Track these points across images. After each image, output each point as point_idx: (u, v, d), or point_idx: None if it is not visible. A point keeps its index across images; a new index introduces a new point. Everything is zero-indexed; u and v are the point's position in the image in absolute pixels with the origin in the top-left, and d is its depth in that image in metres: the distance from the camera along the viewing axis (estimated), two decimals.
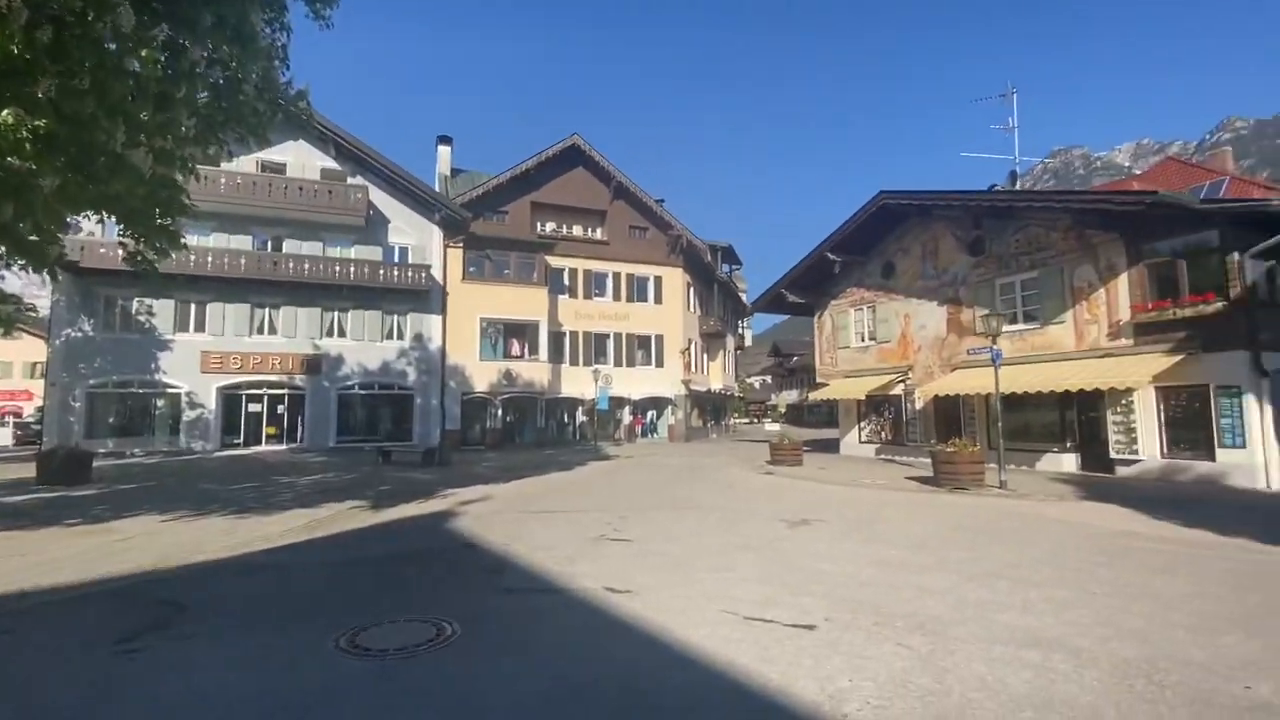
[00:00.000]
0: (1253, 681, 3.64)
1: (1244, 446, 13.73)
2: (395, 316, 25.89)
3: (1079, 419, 16.76)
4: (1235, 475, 13.73)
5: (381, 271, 24.96)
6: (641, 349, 32.34)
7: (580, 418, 30.88)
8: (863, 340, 22.62)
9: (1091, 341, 16.29)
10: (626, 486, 14.01)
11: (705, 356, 37.47)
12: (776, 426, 43.25)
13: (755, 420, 71.30)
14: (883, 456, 21.34)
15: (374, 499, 11.67)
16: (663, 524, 9.16)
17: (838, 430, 24.96)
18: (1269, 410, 13.68)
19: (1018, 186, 22.74)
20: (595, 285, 31.48)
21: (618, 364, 31.19)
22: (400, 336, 25.90)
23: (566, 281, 30.74)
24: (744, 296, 44.66)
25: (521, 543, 7.68)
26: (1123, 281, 15.72)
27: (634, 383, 31.43)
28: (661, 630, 4.49)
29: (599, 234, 32.19)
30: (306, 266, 24.09)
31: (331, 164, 25.34)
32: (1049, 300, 17.19)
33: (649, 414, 33.43)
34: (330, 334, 25.02)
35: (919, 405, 20.24)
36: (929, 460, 15.49)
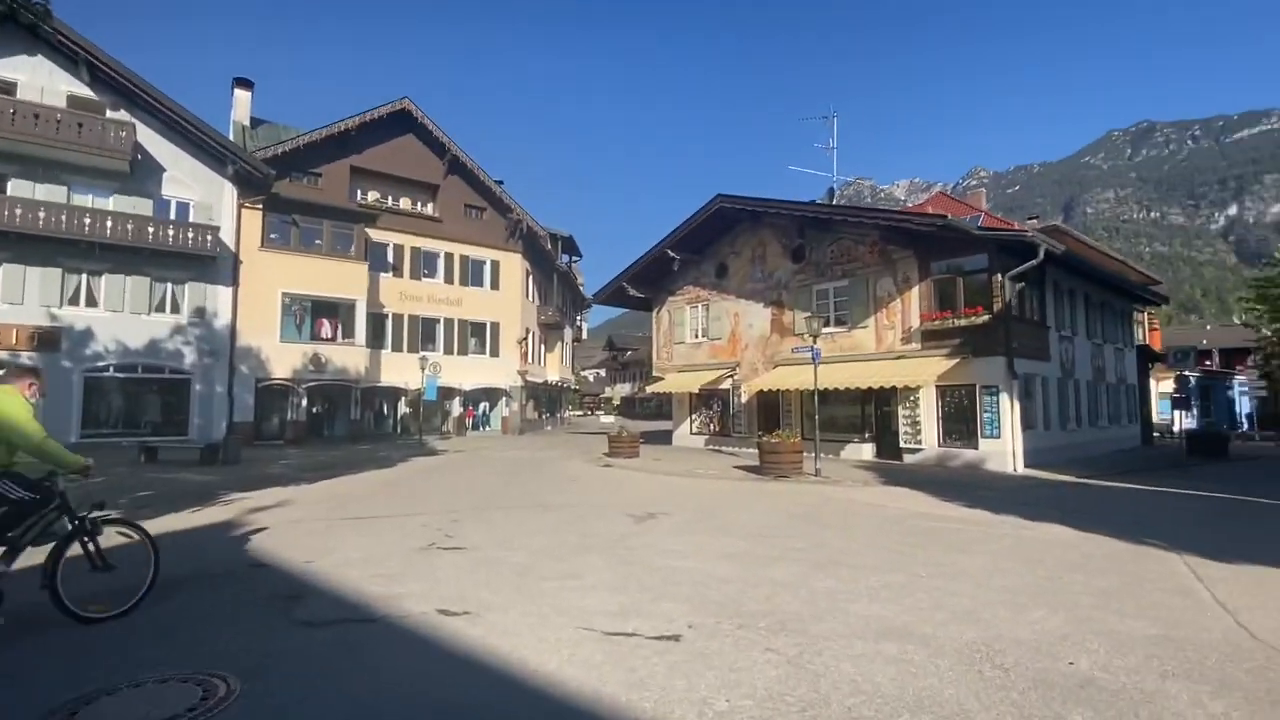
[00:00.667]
0: (1072, 656, 3.95)
1: (999, 437, 16.35)
2: (169, 285, 21.52)
3: (876, 413, 18.85)
4: (992, 461, 16.30)
5: (151, 229, 20.56)
6: (475, 337, 30.59)
7: (403, 409, 28.37)
8: (697, 336, 23.47)
9: (888, 345, 18.37)
10: (459, 484, 12.86)
11: (543, 347, 36.61)
12: (611, 419, 43.74)
13: (589, 413, 71.95)
14: (711, 447, 22.33)
15: (127, 509, 9.31)
16: (502, 526, 8.37)
17: (668, 422, 25.74)
18: (1017, 406, 16.44)
19: (834, 203, 25.11)
20: (425, 265, 29.09)
21: (448, 352, 29.16)
22: (175, 309, 21.59)
23: (391, 259, 27.99)
24: (583, 289, 44.49)
25: (329, 558, 6.44)
26: (915, 293, 17.92)
27: (466, 372, 29.62)
28: (512, 659, 3.82)
29: (430, 209, 29.80)
30: (42, 215, 19.06)
31: (85, 91, 20.30)
32: (856, 306, 19.10)
33: (481, 406, 31.79)
34: (75, 302, 20.08)
35: (744, 399, 21.46)
36: (754, 451, 16.36)
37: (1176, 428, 30.78)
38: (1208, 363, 40.26)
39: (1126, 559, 6.70)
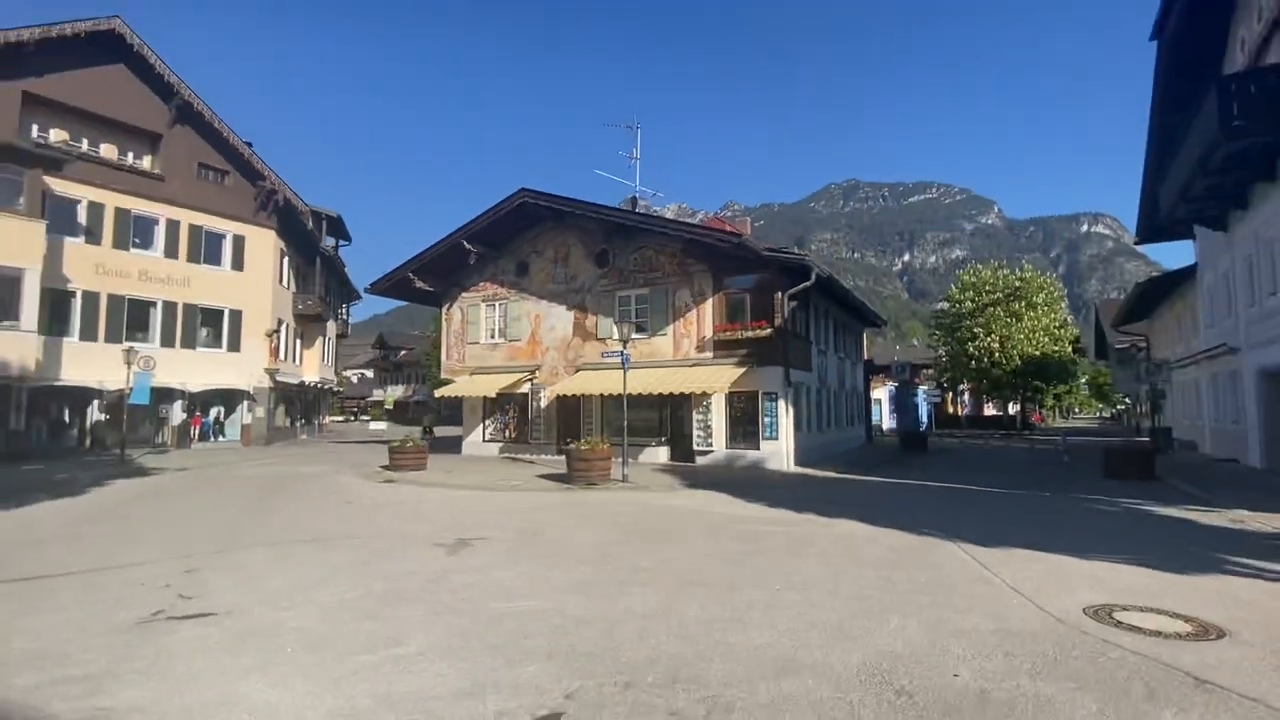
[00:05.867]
0: (952, 668, 3.96)
1: (777, 438, 17.97)
2: None
3: (671, 417, 19.52)
4: (771, 460, 17.85)
5: None
6: (209, 326, 25.00)
7: (98, 415, 21.93)
8: (493, 337, 22.05)
9: (685, 353, 19.15)
10: (191, 515, 9.94)
11: (300, 343, 31.48)
12: (382, 425, 39.17)
13: (352, 418, 64.41)
14: (507, 455, 21.08)
15: None
16: (268, 574, 6.41)
17: (452, 428, 23.76)
18: (791, 411, 18.28)
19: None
20: (138, 233, 22.91)
21: (168, 344, 23.33)
22: None
23: (84, 219, 21.49)
24: (350, 277, 39.51)
25: None
26: (709, 305, 18.95)
27: (193, 370, 23.99)
28: None
29: (148, 163, 23.64)
30: None
31: None
32: (656, 315, 19.60)
33: (214, 411, 26.07)
34: None
35: (544, 404, 20.67)
36: (556, 458, 15.72)
37: (886, 427, 38.75)
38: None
39: (922, 551, 7.42)
